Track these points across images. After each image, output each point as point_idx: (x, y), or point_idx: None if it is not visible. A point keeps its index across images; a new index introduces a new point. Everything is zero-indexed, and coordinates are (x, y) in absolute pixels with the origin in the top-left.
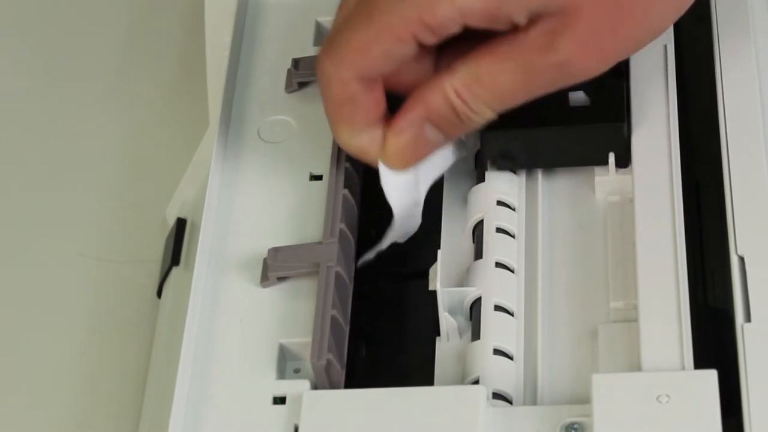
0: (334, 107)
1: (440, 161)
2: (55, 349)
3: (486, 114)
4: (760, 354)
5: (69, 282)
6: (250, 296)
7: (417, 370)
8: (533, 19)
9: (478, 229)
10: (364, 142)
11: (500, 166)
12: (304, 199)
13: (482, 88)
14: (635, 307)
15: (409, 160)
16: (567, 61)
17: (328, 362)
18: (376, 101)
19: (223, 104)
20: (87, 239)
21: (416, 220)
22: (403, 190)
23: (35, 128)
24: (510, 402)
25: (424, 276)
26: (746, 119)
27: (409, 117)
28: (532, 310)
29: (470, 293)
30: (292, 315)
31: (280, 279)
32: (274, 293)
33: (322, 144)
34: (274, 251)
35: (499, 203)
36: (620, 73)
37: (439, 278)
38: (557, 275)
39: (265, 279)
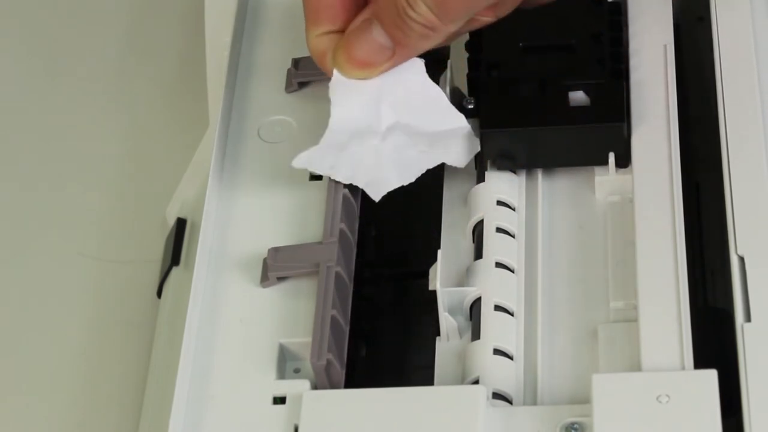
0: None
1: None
2: (55, 349)
3: (422, 11)
4: (760, 354)
5: (69, 282)
6: (250, 296)
7: (417, 370)
8: None
9: (478, 229)
10: (324, 45)
11: (500, 166)
12: (304, 199)
13: None
14: (635, 307)
15: (357, 63)
16: None
17: (328, 362)
18: (343, 4)
19: (223, 104)
20: (87, 239)
21: (391, 176)
22: (352, 98)
23: (35, 128)
24: (510, 402)
25: (424, 276)
26: (746, 119)
27: (361, 16)
28: (532, 310)
29: (470, 293)
30: (292, 315)
31: (280, 279)
32: (274, 293)
33: None
34: (274, 251)
35: (499, 203)
36: (620, 73)
37: (439, 278)
38: (557, 275)
39: (265, 279)
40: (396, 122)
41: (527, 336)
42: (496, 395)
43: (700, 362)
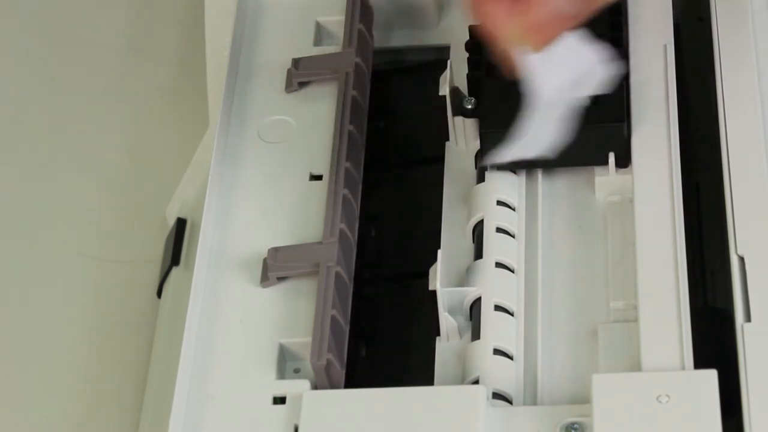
0: None
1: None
2: (55, 349)
3: None
4: (760, 354)
5: (69, 282)
6: (250, 296)
7: (417, 370)
8: None
9: (478, 229)
10: (500, 10)
11: (500, 166)
12: (304, 199)
13: None
14: (635, 307)
15: (544, 37)
16: None
17: (328, 362)
18: None
19: (223, 104)
20: (87, 239)
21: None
22: (544, 75)
23: (35, 128)
24: (510, 402)
25: (424, 276)
26: (746, 120)
27: None
28: (532, 310)
29: (470, 293)
30: (292, 315)
31: (280, 279)
32: (274, 293)
33: (322, 144)
34: (274, 251)
35: (499, 203)
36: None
37: (439, 278)
38: (557, 275)
39: (265, 279)
40: (562, 84)
41: (527, 336)
42: (496, 395)
43: (700, 362)
